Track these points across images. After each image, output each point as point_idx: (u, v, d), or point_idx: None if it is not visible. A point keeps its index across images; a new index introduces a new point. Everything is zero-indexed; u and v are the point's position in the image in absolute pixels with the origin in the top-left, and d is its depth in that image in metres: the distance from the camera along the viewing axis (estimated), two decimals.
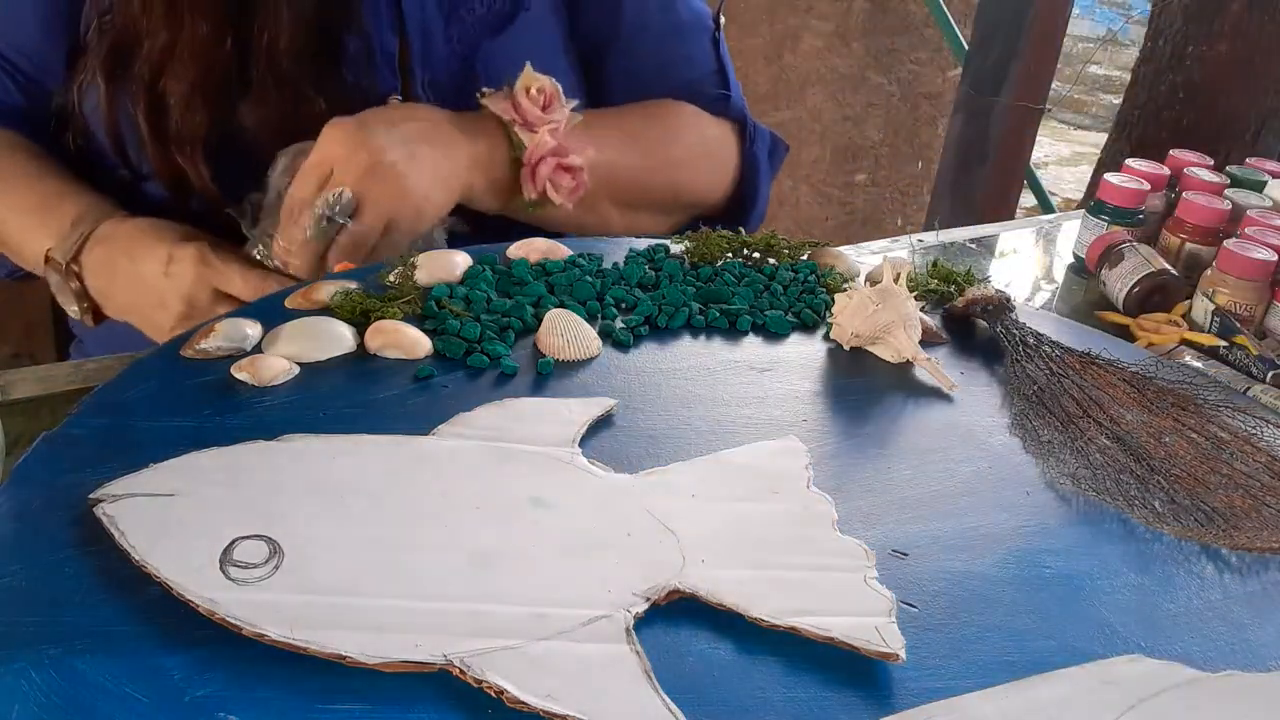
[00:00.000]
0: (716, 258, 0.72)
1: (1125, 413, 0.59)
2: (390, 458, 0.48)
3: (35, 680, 0.36)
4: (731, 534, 0.46)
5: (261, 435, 0.49)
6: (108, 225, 0.73)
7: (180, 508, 0.44)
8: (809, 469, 0.51)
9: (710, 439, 0.53)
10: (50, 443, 0.48)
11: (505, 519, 0.45)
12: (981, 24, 2.12)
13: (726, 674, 0.39)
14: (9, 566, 0.41)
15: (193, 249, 0.70)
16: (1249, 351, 0.77)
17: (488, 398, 0.54)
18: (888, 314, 0.61)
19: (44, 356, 1.50)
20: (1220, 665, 0.43)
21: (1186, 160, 1.05)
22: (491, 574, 0.42)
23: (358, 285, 0.63)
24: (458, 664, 0.37)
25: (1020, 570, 0.47)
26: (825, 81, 2.55)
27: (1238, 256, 0.83)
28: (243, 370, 0.54)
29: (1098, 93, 5.38)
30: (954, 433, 0.57)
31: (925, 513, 0.50)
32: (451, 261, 0.66)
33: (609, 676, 0.38)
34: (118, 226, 0.72)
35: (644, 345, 0.62)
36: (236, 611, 0.38)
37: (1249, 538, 0.51)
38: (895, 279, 0.63)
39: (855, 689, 0.39)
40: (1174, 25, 1.87)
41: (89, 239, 0.72)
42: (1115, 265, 0.89)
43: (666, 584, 0.42)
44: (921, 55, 2.63)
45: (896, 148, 2.73)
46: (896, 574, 0.45)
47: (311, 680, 0.37)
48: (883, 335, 0.62)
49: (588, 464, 0.50)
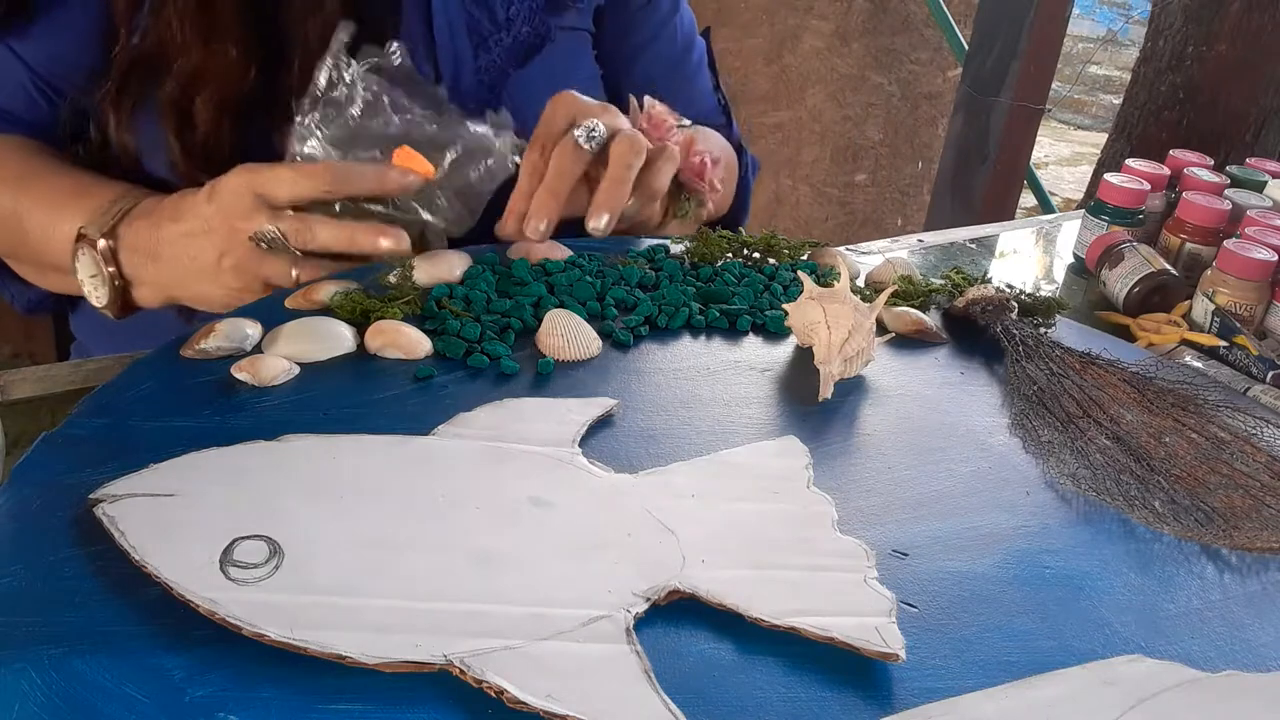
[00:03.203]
0: (716, 258, 0.72)
1: (1125, 413, 0.59)
2: (390, 458, 0.48)
3: (35, 680, 0.36)
4: (732, 534, 0.46)
5: (261, 435, 0.49)
6: (150, 200, 0.70)
7: (180, 508, 0.44)
8: (809, 469, 0.51)
9: (710, 439, 0.53)
10: (50, 443, 0.48)
11: (505, 519, 0.45)
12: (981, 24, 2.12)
13: (726, 674, 0.39)
14: (9, 566, 0.41)
15: (236, 168, 0.66)
16: (1249, 351, 0.77)
17: (488, 398, 0.54)
18: (814, 312, 0.61)
19: (44, 356, 1.50)
20: (1220, 665, 0.43)
21: (1186, 160, 1.05)
22: (491, 574, 0.42)
23: (357, 285, 0.63)
24: (458, 664, 0.37)
25: (1020, 570, 0.47)
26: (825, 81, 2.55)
27: (1238, 256, 0.83)
28: (243, 370, 0.54)
29: (1098, 93, 5.38)
30: (954, 433, 0.57)
31: (925, 513, 0.50)
32: (451, 262, 0.66)
33: (609, 676, 0.38)
34: (161, 199, 0.70)
35: (644, 345, 0.62)
36: (236, 611, 0.38)
37: (1249, 538, 0.51)
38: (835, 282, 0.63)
39: (855, 689, 0.39)
40: (1174, 25, 1.87)
41: (129, 214, 0.69)
42: (1115, 265, 0.89)
43: (666, 584, 0.42)
44: (921, 55, 2.64)
45: (896, 148, 2.73)
46: (897, 574, 0.45)
47: (311, 680, 0.37)
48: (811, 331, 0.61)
49: (588, 464, 0.50)
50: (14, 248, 0.77)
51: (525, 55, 0.81)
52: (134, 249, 0.69)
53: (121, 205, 0.70)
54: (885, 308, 0.68)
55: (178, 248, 0.68)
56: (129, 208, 0.70)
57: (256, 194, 0.65)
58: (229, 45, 0.70)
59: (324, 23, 0.71)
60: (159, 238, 0.68)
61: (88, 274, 0.70)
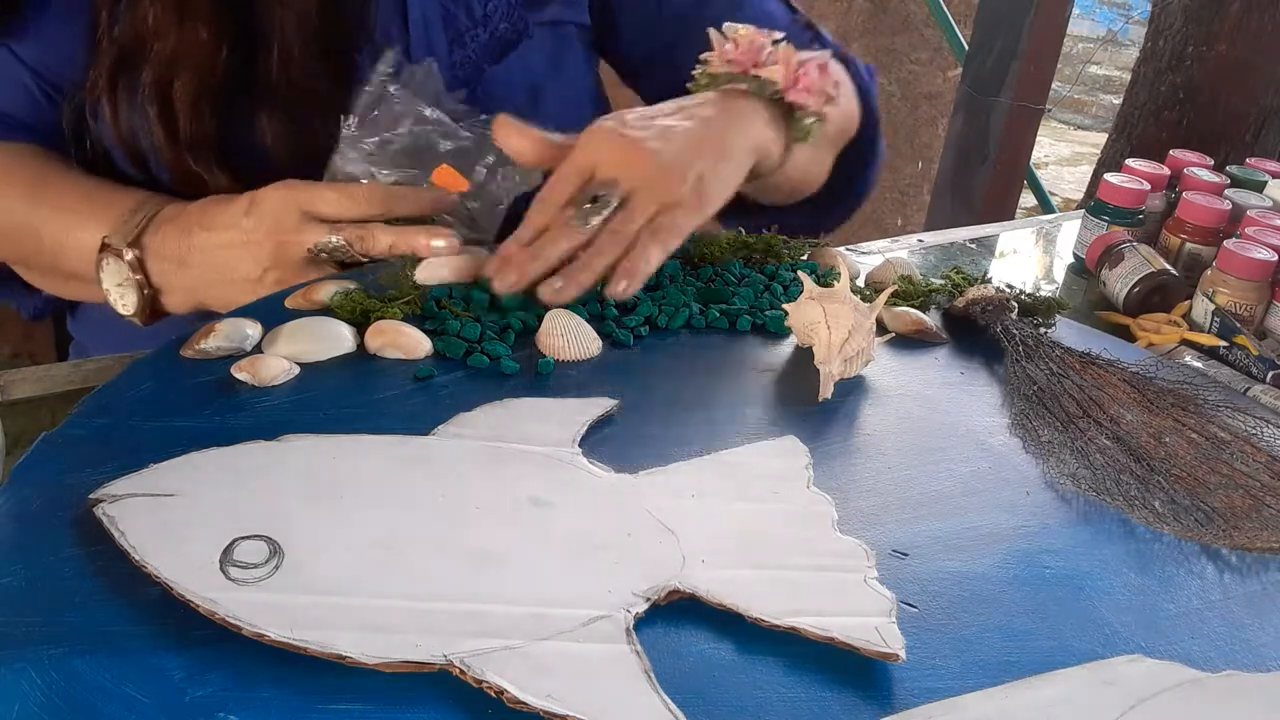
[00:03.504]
0: (716, 258, 0.72)
1: (1125, 413, 0.59)
2: (390, 458, 0.48)
3: (35, 680, 0.36)
4: (732, 534, 0.46)
5: (261, 435, 0.49)
6: (173, 207, 0.70)
7: (180, 508, 0.44)
8: (809, 469, 0.51)
9: (710, 439, 0.53)
10: (50, 443, 0.48)
11: (505, 519, 0.45)
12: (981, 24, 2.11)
13: (726, 674, 0.39)
14: (9, 566, 0.41)
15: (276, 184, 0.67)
16: (1249, 351, 0.77)
17: (488, 398, 0.54)
18: (814, 312, 0.61)
19: (44, 356, 1.50)
20: (1220, 665, 0.43)
21: (1186, 160, 1.05)
22: (491, 574, 0.42)
23: (357, 285, 0.63)
24: (458, 664, 0.37)
25: (1020, 570, 0.47)
26: None
27: (1238, 256, 0.83)
28: (243, 370, 0.54)
29: (1098, 93, 5.38)
30: (954, 433, 0.57)
31: (925, 513, 0.50)
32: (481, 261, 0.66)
33: (609, 676, 0.38)
34: (185, 205, 0.70)
35: (644, 345, 0.62)
36: (236, 611, 0.38)
37: (1249, 538, 0.51)
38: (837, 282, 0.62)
39: (855, 689, 0.39)
40: (1174, 25, 1.87)
41: (153, 220, 0.69)
42: (1115, 265, 0.89)
43: (666, 584, 0.42)
44: (921, 55, 2.64)
45: (896, 148, 2.73)
46: (897, 574, 0.45)
47: (311, 680, 0.37)
48: (811, 331, 0.61)
49: (588, 464, 0.50)
50: (28, 256, 0.76)
51: (501, 51, 0.81)
52: (162, 256, 0.69)
53: (144, 213, 0.70)
54: (885, 308, 0.68)
55: (212, 257, 0.68)
56: (152, 214, 0.70)
57: (303, 210, 0.66)
58: (199, 26, 0.69)
59: (299, 10, 0.71)
60: (189, 245, 0.68)
61: (114, 283, 0.70)
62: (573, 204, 0.63)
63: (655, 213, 0.63)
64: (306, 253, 0.66)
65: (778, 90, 0.72)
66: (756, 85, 0.72)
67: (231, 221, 0.67)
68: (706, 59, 0.74)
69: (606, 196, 0.62)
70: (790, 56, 0.72)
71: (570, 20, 0.85)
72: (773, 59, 0.72)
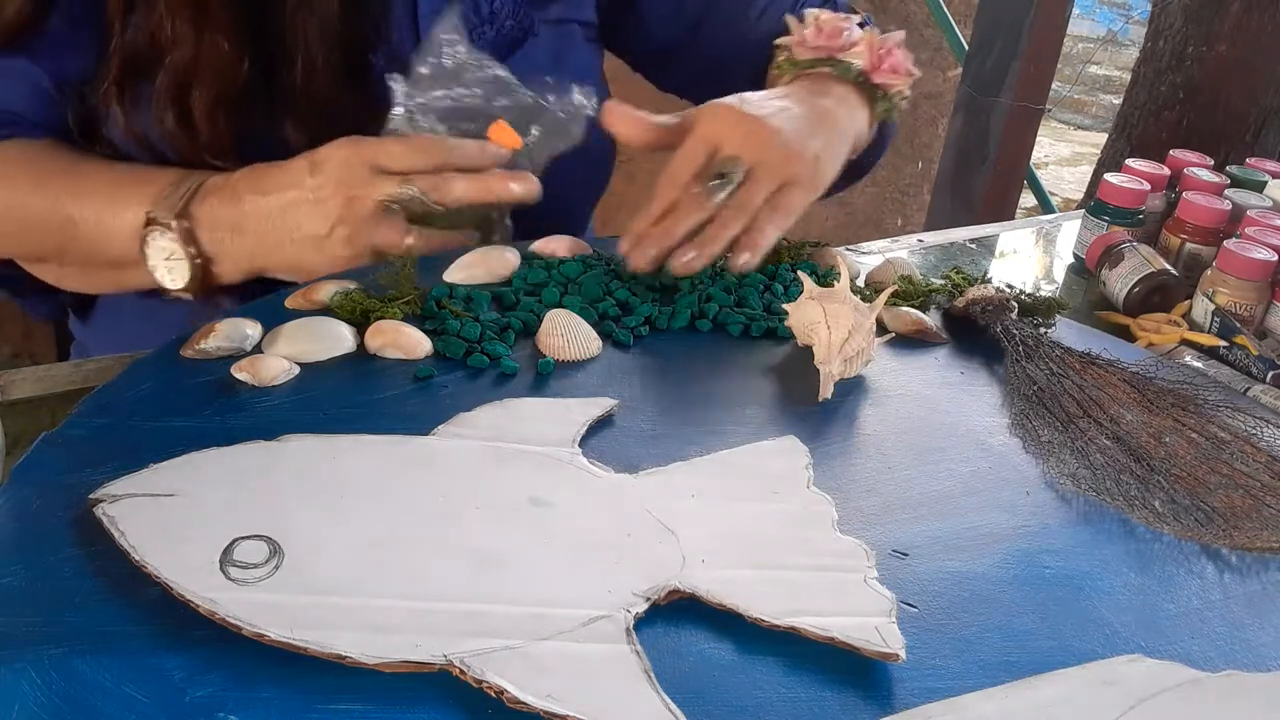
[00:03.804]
0: None
1: (1125, 413, 0.59)
2: (390, 458, 0.48)
3: (35, 680, 0.36)
4: (732, 534, 0.46)
5: (261, 435, 0.49)
6: (218, 177, 0.70)
7: (180, 508, 0.44)
8: (809, 469, 0.51)
9: (710, 439, 0.53)
10: (50, 443, 0.48)
11: (505, 519, 0.45)
12: (981, 24, 2.11)
13: (726, 674, 0.39)
14: (9, 566, 0.41)
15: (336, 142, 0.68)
16: (1249, 351, 0.77)
17: (488, 398, 0.54)
18: (814, 312, 0.61)
19: (44, 356, 1.51)
20: (1220, 665, 0.43)
21: (1186, 160, 1.05)
22: (491, 574, 0.42)
23: (357, 285, 0.63)
24: (458, 664, 0.37)
25: (1020, 570, 0.47)
26: None
27: (1238, 256, 0.83)
28: (243, 370, 0.54)
29: (1098, 93, 5.38)
30: (954, 433, 0.57)
31: (925, 513, 0.50)
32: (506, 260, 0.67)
33: (609, 676, 0.38)
34: (228, 175, 0.70)
35: (644, 345, 0.62)
36: (236, 611, 0.38)
37: (1249, 538, 0.51)
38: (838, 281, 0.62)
39: (855, 689, 0.39)
40: (1174, 25, 1.87)
41: (198, 191, 0.69)
42: (1115, 265, 0.89)
43: (666, 584, 0.42)
44: (921, 55, 2.63)
45: (896, 148, 2.72)
46: (897, 574, 0.45)
47: (311, 680, 0.37)
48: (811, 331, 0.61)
49: (588, 464, 0.50)
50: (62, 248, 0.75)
51: (508, 49, 0.81)
52: (214, 225, 0.69)
53: (188, 185, 0.69)
54: (885, 308, 0.68)
55: (271, 220, 0.68)
56: (195, 186, 0.69)
57: (371, 164, 0.66)
58: (220, 38, 0.69)
59: (320, 17, 0.71)
60: (242, 212, 0.68)
61: (161, 258, 0.69)
62: (698, 180, 0.65)
63: (775, 190, 0.65)
64: (377, 206, 0.66)
65: (862, 72, 0.75)
66: (842, 69, 0.74)
67: (293, 181, 0.67)
68: (786, 44, 0.76)
69: (731, 173, 0.64)
70: (873, 39, 0.76)
71: (575, 18, 0.85)
72: (855, 43, 0.74)
